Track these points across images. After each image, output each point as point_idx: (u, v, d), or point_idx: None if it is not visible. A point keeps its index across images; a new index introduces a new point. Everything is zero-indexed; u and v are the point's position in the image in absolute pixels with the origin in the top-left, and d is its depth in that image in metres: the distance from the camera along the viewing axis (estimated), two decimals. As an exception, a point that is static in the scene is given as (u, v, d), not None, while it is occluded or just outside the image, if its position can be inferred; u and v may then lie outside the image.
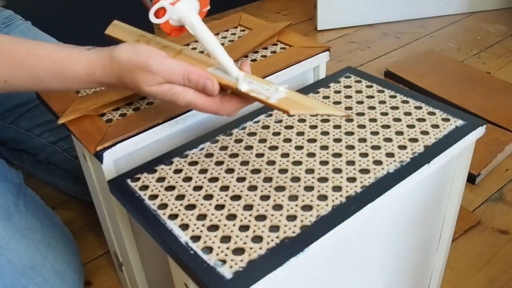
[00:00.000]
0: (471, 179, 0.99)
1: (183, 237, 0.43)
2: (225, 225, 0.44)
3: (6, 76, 0.49)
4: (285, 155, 0.52)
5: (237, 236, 0.42)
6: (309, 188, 0.47)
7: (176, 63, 0.47)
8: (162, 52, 0.48)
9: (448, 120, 0.57)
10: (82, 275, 0.75)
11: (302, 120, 0.58)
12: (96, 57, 0.49)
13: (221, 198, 0.47)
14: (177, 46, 0.54)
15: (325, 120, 0.57)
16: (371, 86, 0.64)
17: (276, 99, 0.44)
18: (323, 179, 0.48)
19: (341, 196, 0.46)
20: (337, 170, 0.50)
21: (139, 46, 0.48)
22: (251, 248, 0.41)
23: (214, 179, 0.49)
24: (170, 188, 0.49)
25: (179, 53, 0.53)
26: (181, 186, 0.49)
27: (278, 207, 0.45)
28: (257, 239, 0.42)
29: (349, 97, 0.62)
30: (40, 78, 0.50)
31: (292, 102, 0.44)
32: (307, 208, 0.45)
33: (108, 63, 0.49)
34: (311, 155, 0.52)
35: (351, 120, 0.57)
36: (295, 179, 0.49)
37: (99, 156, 0.54)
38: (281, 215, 0.44)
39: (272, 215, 0.44)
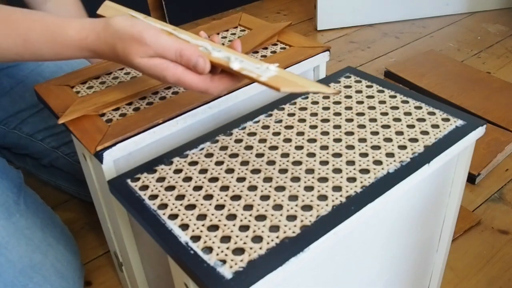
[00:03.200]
0: (471, 179, 0.99)
1: (183, 237, 0.43)
2: (225, 225, 0.44)
3: None
4: (285, 155, 0.52)
5: (237, 236, 0.42)
6: (309, 188, 0.47)
7: (170, 39, 0.48)
8: (157, 28, 0.48)
9: (448, 120, 0.57)
10: (82, 274, 0.76)
11: (302, 120, 0.58)
12: (90, 23, 0.50)
13: (221, 198, 0.47)
14: (170, 27, 0.54)
15: (325, 120, 0.57)
16: (371, 86, 0.64)
17: (267, 77, 0.45)
18: (323, 179, 0.48)
19: (341, 196, 0.46)
20: (337, 170, 0.50)
21: (136, 19, 0.49)
22: (251, 248, 0.41)
23: (214, 179, 0.49)
24: (170, 188, 0.49)
25: (170, 35, 0.53)
26: (181, 186, 0.49)
27: (278, 207, 0.45)
28: (257, 239, 0.42)
29: (349, 97, 0.62)
30: (31, 41, 0.50)
31: (283, 80, 0.45)
32: (307, 208, 0.45)
33: (102, 29, 0.49)
34: (311, 155, 0.52)
35: (351, 120, 0.57)
36: (295, 179, 0.49)
37: (99, 156, 0.54)
38: (281, 215, 0.44)
39: (272, 215, 0.44)
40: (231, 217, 0.45)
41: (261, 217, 0.44)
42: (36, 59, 0.53)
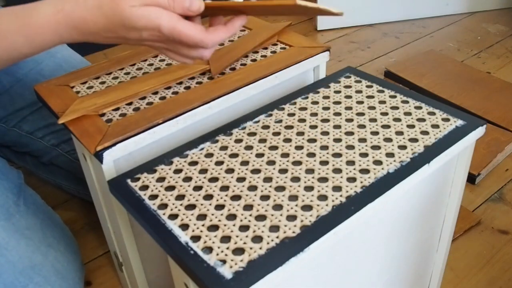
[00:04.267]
0: (471, 179, 0.99)
1: (183, 237, 0.43)
2: (225, 225, 0.44)
3: None
4: (285, 155, 0.52)
5: (237, 236, 0.42)
6: (309, 188, 0.47)
7: None
8: None
9: (448, 120, 0.57)
10: (82, 274, 0.76)
11: (302, 120, 0.58)
12: None
13: (221, 198, 0.47)
14: None
15: (325, 120, 0.57)
16: (371, 86, 0.64)
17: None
18: (323, 179, 0.48)
19: (341, 196, 0.46)
20: (337, 170, 0.50)
21: None
22: (251, 248, 0.41)
23: (214, 179, 0.49)
24: (170, 188, 0.49)
25: None
26: (181, 186, 0.49)
27: (278, 207, 0.45)
28: (257, 239, 0.42)
29: (349, 97, 0.62)
30: (2, 35, 0.46)
31: None
32: (307, 208, 0.45)
33: None
34: (311, 155, 0.52)
35: (351, 120, 0.57)
36: (295, 179, 0.49)
37: (99, 156, 0.54)
38: (281, 215, 0.44)
39: (272, 215, 0.44)
40: (231, 217, 0.45)
41: (261, 217, 0.44)
42: (15, 56, 0.48)
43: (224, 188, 0.48)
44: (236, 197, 0.47)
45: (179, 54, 0.50)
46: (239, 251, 0.41)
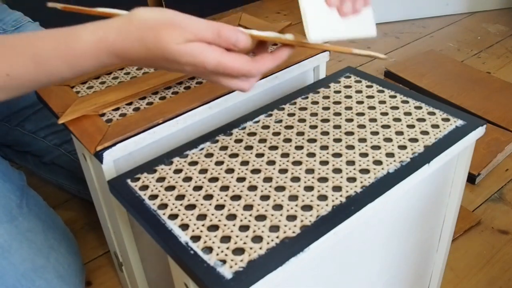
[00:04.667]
0: (471, 179, 0.99)
1: (183, 237, 0.43)
2: (225, 225, 0.44)
3: (7, 68, 0.45)
4: (285, 155, 0.52)
5: (237, 236, 0.42)
6: (309, 188, 0.47)
7: (204, 20, 0.44)
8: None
9: (448, 120, 0.57)
10: (83, 276, 0.75)
11: (302, 120, 0.58)
12: (105, 21, 0.45)
13: (221, 198, 0.47)
14: None
15: (325, 120, 0.57)
16: (371, 86, 0.64)
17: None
18: (323, 179, 0.48)
19: (341, 196, 0.46)
20: (337, 170, 0.50)
21: (162, 8, 0.45)
22: (251, 248, 0.41)
23: (214, 179, 0.49)
24: (170, 188, 0.49)
25: None
26: (181, 186, 0.49)
27: (278, 207, 0.45)
28: (257, 239, 0.42)
29: (349, 97, 0.62)
30: (43, 61, 0.46)
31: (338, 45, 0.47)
32: (307, 208, 0.45)
33: (125, 23, 0.44)
34: (311, 155, 0.52)
35: (351, 120, 0.57)
36: (295, 179, 0.49)
37: (99, 156, 0.54)
38: (281, 215, 0.44)
39: (272, 215, 0.44)
40: (231, 217, 0.45)
41: (261, 217, 0.44)
42: (54, 80, 0.48)
43: (224, 188, 0.48)
44: (236, 197, 0.47)
45: (222, 83, 0.50)
46: (239, 251, 0.41)
